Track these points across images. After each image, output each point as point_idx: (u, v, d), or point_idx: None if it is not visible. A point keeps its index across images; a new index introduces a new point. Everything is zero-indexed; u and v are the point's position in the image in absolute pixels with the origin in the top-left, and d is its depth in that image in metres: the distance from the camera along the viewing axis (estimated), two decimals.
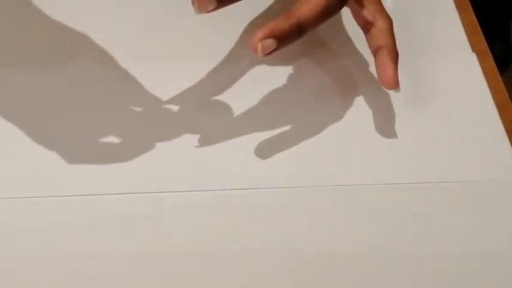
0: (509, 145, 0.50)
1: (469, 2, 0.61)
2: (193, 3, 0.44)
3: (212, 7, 0.44)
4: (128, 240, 0.45)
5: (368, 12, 0.49)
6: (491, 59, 0.56)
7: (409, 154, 0.49)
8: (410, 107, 0.52)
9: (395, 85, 0.47)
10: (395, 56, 0.48)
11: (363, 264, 0.44)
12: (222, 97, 0.53)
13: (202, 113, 0.52)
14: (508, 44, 0.75)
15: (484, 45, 0.57)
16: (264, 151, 0.50)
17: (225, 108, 0.53)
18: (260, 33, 0.44)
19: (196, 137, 0.50)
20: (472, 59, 0.56)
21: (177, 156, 0.48)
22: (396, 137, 0.49)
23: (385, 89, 0.48)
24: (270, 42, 0.44)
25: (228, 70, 0.54)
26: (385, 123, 0.50)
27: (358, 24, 0.50)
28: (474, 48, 0.57)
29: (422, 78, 0.55)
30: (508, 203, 0.47)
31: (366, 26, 0.49)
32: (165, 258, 0.44)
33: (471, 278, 0.43)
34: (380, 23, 0.49)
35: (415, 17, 0.59)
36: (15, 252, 0.44)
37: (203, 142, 0.50)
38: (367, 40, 0.49)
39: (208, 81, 0.53)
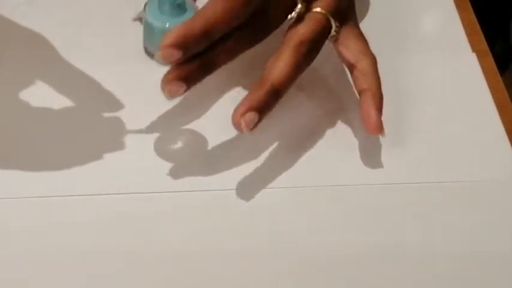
0: (509, 145, 0.50)
1: (469, 2, 0.61)
2: (162, 90, 0.43)
3: (182, 91, 0.43)
4: (128, 240, 0.45)
5: (350, 54, 0.48)
6: (491, 59, 0.56)
7: (409, 154, 0.49)
8: (410, 107, 0.52)
9: (379, 130, 0.46)
10: (378, 100, 0.46)
11: (362, 264, 0.44)
12: (222, 98, 0.53)
13: (202, 114, 0.52)
14: (508, 44, 0.75)
15: (484, 45, 0.57)
16: (264, 151, 0.50)
17: (225, 109, 0.52)
18: (240, 109, 0.43)
19: (196, 137, 0.50)
20: (472, 59, 0.56)
21: (177, 157, 0.48)
22: (396, 137, 0.49)
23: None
24: (252, 116, 0.43)
25: (229, 72, 0.54)
26: (385, 124, 0.50)
27: (344, 64, 0.49)
28: (474, 48, 0.57)
29: (423, 78, 0.55)
30: (508, 203, 0.47)
31: (350, 68, 0.48)
32: (165, 258, 0.44)
33: (471, 278, 0.43)
34: (362, 64, 0.47)
35: (415, 17, 0.59)
36: (15, 252, 0.44)
37: (203, 143, 0.50)
38: (352, 81, 0.48)
39: (208, 83, 0.53)
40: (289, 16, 0.46)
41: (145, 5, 0.43)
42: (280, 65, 0.44)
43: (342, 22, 0.48)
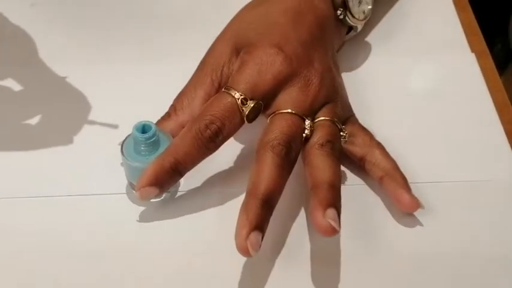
0: (509, 145, 0.50)
1: (468, 2, 0.61)
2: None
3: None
4: (129, 240, 0.45)
5: (357, 148, 0.48)
6: (491, 59, 0.56)
7: (409, 154, 0.49)
8: (409, 107, 0.52)
9: (415, 207, 0.45)
10: (400, 178, 0.46)
11: (362, 263, 0.44)
12: None
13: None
14: (507, 44, 0.75)
15: (483, 46, 0.57)
16: None
17: None
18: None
19: None
20: (471, 59, 0.56)
21: None
22: (396, 137, 0.49)
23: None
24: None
25: None
26: (385, 124, 0.50)
27: (352, 158, 0.48)
28: (473, 48, 0.57)
29: (422, 78, 0.55)
30: (508, 203, 0.47)
31: (360, 162, 0.48)
32: (165, 258, 0.44)
33: (471, 278, 0.43)
34: (373, 155, 0.47)
35: (415, 17, 0.59)
36: (15, 252, 0.44)
37: None
38: (368, 174, 0.48)
39: None
40: (304, 135, 0.45)
41: (121, 146, 0.45)
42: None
43: (344, 123, 0.48)
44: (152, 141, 0.44)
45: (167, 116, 0.48)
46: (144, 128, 0.44)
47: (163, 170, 0.43)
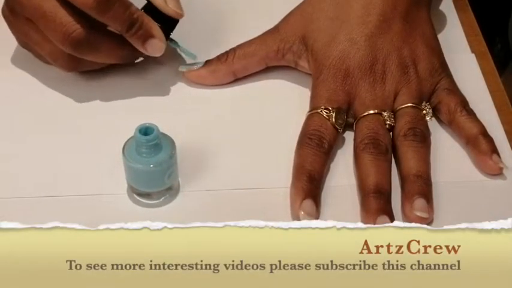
0: (509, 145, 0.50)
1: (468, 2, 0.61)
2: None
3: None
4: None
5: (443, 116, 0.51)
6: (491, 59, 0.56)
7: None
8: None
9: (499, 169, 0.48)
10: (484, 145, 0.48)
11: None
12: (223, 97, 0.53)
13: (204, 114, 0.52)
14: (507, 44, 0.75)
15: (483, 46, 0.57)
16: (265, 151, 0.50)
17: (227, 109, 0.53)
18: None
19: (198, 137, 0.50)
20: (471, 59, 0.56)
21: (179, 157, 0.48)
22: None
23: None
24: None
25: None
26: None
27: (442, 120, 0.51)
28: (473, 48, 0.57)
29: None
30: (508, 203, 0.47)
31: (449, 123, 0.50)
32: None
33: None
34: (455, 124, 0.50)
35: None
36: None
37: (204, 142, 0.50)
38: (457, 134, 0.50)
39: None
40: (386, 126, 0.49)
41: (123, 148, 0.46)
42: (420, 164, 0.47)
43: (430, 96, 0.50)
44: (154, 143, 0.44)
45: (217, 60, 0.52)
46: (146, 131, 0.44)
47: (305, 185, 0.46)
